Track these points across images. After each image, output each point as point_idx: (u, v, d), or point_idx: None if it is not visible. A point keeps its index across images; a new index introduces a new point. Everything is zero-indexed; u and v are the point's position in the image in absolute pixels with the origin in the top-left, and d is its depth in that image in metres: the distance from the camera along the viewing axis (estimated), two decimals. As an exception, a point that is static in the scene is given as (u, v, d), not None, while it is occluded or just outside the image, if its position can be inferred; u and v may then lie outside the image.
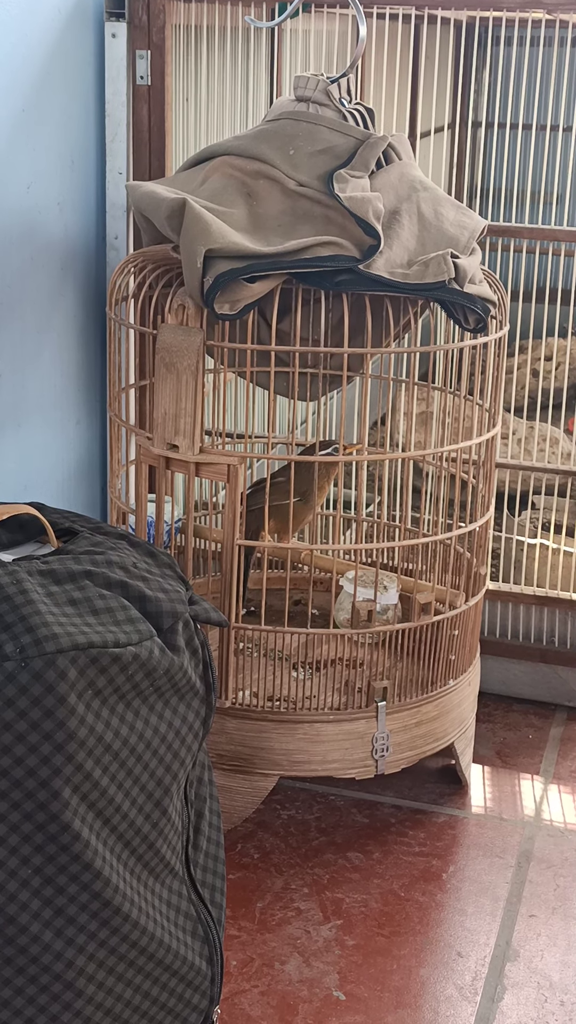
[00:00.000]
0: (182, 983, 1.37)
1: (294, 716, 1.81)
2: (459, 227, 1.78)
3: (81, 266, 2.06)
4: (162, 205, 1.69)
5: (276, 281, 1.67)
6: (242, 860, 1.86)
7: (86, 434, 2.13)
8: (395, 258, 1.70)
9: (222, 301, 1.63)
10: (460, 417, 1.86)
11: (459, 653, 1.92)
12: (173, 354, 1.69)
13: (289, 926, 1.73)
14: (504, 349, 1.88)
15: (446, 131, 2.59)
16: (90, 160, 2.05)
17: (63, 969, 1.25)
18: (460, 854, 1.90)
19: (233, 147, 1.80)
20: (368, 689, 1.84)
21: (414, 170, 1.83)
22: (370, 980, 1.64)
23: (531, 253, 2.22)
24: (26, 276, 1.91)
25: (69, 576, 1.30)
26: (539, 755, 2.17)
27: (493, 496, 1.97)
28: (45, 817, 1.22)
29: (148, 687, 1.30)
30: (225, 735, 1.82)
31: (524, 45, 2.24)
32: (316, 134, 1.77)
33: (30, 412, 1.97)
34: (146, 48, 2.01)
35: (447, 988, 1.64)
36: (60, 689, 1.21)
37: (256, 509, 1.91)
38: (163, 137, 2.05)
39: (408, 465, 1.91)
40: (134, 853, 1.32)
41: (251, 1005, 1.60)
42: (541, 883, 1.84)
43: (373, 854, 1.89)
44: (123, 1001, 1.32)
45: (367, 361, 1.74)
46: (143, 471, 1.78)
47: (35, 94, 1.88)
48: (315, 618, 2.08)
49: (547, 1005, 1.61)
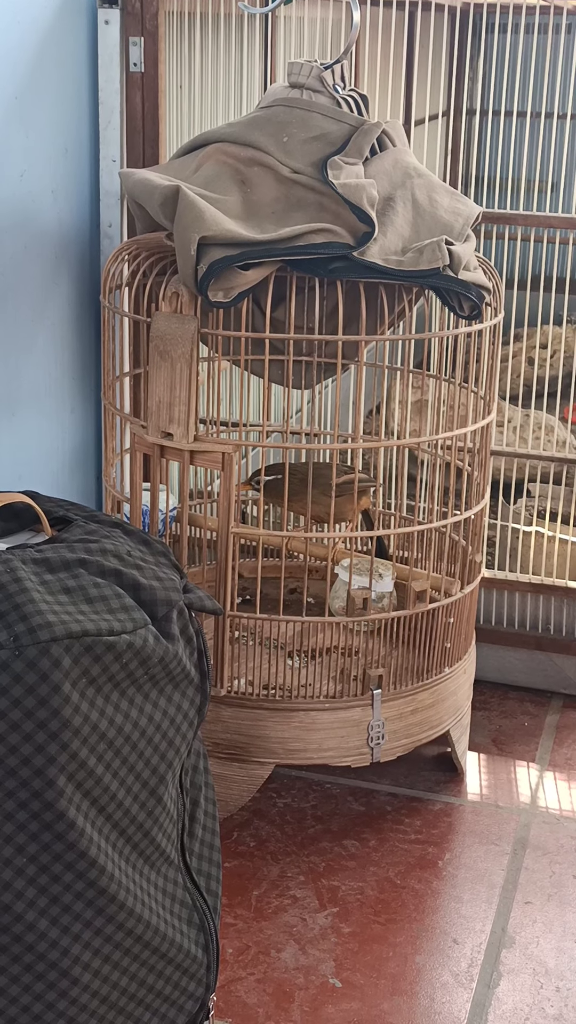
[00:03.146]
0: (178, 971, 1.37)
1: (290, 704, 1.81)
2: (454, 214, 1.78)
3: (75, 254, 2.05)
4: (155, 192, 1.68)
5: (270, 268, 1.66)
6: (238, 848, 1.86)
7: (80, 422, 2.13)
8: (389, 245, 1.70)
9: (216, 289, 1.63)
10: (455, 405, 1.86)
11: (455, 641, 1.92)
12: (167, 342, 1.69)
13: (285, 914, 1.73)
14: (499, 336, 1.88)
15: (441, 118, 2.59)
16: (83, 148, 2.05)
17: (59, 957, 1.25)
18: (456, 841, 1.90)
19: (227, 134, 1.79)
20: (364, 677, 1.84)
21: (408, 157, 1.82)
22: (366, 967, 1.65)
23: (526, 240, 2.21)
24: (20, 264, 1.91)
25: (63, 564, 1.30)
26: (535, 742, 2.17)
27: (488, 484, 1.96)
28: (40, 805, 1.22)
29: (143, 675, 1.30)
30: (221, 723, 1.82)
31: (519, 32, 2.24)
32: (310, 121, 1.76)
33: (24, 401, 1.97)
34: (139, 35, 2.00)
35: (443, 975, 1.64)
36: (55, 677, 1.21)
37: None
38: (156, 124, 2.04)
39: (403, 453, 1.91)
40: (129, 841, 1.31)
41: (247, 992, 1.60)
42: (537, 870, 1.84)
43: (369, 842, 1.89)
44: (119, 989, 1.32)
45: (362, 349, 1.74)
46: (138, 459, 1.78)
47: (28, 81, 1.88)
48: (310, 606, 2.08)
49: (543, 991, 1.62)
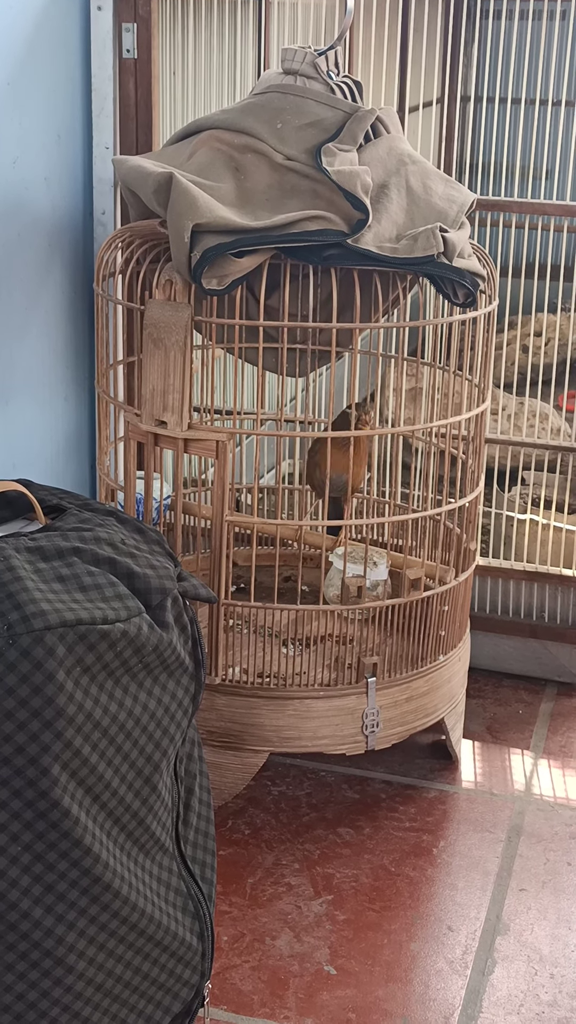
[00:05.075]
0: (173, 959, 1.37)
1: (284, 692, 1.81)
2: (448, 201, 1.77)
3: (68, 242, 2.05)
4: (149, 180, 1.67)
5: (264, 256, 1.66)
6: (233, 836, 1.86)
7: (74, 411, 2.12)
8: (384, 232, 1.69)
9: (210, 276, 1.62)
10: (450, 392, 1.85)
11: (449, 629, 1.92)
12: (161, 330, 1.69)
13: (280, 901, 1.74)
14: (493, 324, 1.88)
15: (435, 105, 2.58)
16: (77, 135, 2.04)
17: (53, 945, 1.25)
18: (450, 829, 1.90)
19: (220, 121, 1.79)
20: (358, 665, 1.84)
21: (403, 143, 1.82)
22: (361, 954, 1.65)
23: (520, 228, 2.20)
24: (13, 252, 1.90)
25: (57, 553, 1.30)
26: (529, 730, 2.17)
27: (483, 472, 1.96)
28: (34, 794, 1.22)
29: (137, 664, 1.30)
30: (215, 712, 1.82)
31: (514, 19, 2.23)
32: (304, 107, 1.76)
33: (18, 389, 1.96)
34: (132, 21, 1.99)
35: (438, 962, 1.64)
36: (48, 666, 1.20)
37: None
38: (150, 111, 2.03)
39: (398, 441, 1.91)
40: (124, 830, 1.31)
41: (242, 980, 1.60)
42: (531, 857, 1.84)
43: (364, 829, 1.89)
44: (114, 977, 1.32)
45: (356, 336, 1.74)
46: (131, 448, 1.78)
47: (21, 68, 1.87)
48: (305, 594, 2.08)
49: (537, 978, 1.62)
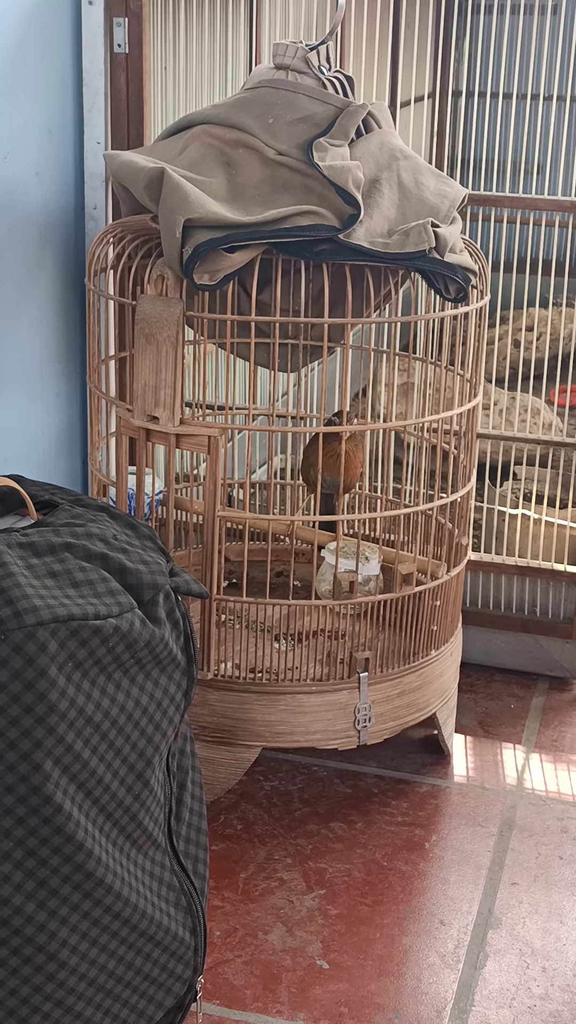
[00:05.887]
0: (165, 954, 1.38)
1: (276, 687, 1.81)
2: (439, 196, 1.77)
3: (60, 237, 2.04)
4: (140, 175, 1.67)
5: (256, 251, 1.66)
6: (225, 831, 1.86)
7: (66, 406, 2.12)
8: (375, 227, 1.69)
9: (201, 271, 1.62)
10: (442, 387, 1.85)
11: (441, 623, 1.93)
12: (153, 325, 1.68)
13: (272, 896, 1.74)
14: (485, 319, 1.88)
15: (426, 100, 2.58)
16: (68, 130, 2.03)
17: (46, 941, 1.26)
18: (443, 823, 1.90)
19: (212, 116, 1.79)
20: (350, 660, 1.84)
21: (394, 139, 1.82)
22: (353, 949, 1.65)
23: (512, 223, 2.20)
24: (4, 247, 1.90)
25: (49, 548, 1.30)
26: (521, 724, 2.18)
27: (475, 466, 1.96)
28: (27, 790, 1.22)
29: (129, 659, 1.30)
30: (207, 707, 1.82)
31: (505, 13, 2.23)
32: (295, 102, 1.76)
33: (9, 384, 1.96)
34: (123, 15, 1.99)
35: (430, 956, 1.65)
36: (41, 662, 1.20)
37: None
38: (141, 106, 2.03)
39: (389, 436, 1.91)
40: (116, 825, 1.32)
41: (235, 975, 1.60)
42: (523, 851, 1.85)
43: (356, 824, 1.89)
44: (107, 972, 1.32)
45: (348, 331, 1.74)
46: (123, 443, 1.78)
47: (11, 63, 1.87)
48: (297, 589, 2.08)
49: (529, 972, 1.62)
